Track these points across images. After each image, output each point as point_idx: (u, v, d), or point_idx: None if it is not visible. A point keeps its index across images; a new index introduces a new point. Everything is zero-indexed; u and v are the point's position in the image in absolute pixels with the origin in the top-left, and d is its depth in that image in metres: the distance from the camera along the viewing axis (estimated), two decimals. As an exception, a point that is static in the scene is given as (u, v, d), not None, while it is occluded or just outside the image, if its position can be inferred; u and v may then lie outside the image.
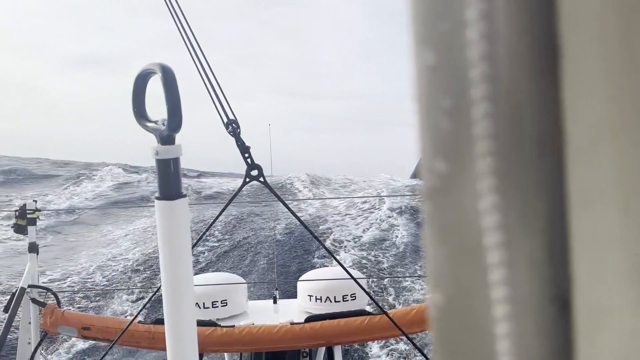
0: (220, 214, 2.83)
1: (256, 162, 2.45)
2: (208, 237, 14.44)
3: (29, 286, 3.85)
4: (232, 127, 2.55)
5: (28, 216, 3.94)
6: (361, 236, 17.98)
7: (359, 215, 21.02)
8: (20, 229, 3.95)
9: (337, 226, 19.47)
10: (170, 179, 1.10)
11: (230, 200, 2.75)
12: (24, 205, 3.96)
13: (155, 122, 1.12)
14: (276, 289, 4.86)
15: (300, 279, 4.56)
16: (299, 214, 2.78)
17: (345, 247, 16.19)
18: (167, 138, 1.08)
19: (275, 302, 4.67)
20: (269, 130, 5.57)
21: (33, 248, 3.99)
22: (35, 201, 4.05)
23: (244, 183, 2.47)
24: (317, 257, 13.82)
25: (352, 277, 2.95)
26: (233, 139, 2.48)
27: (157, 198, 1.11)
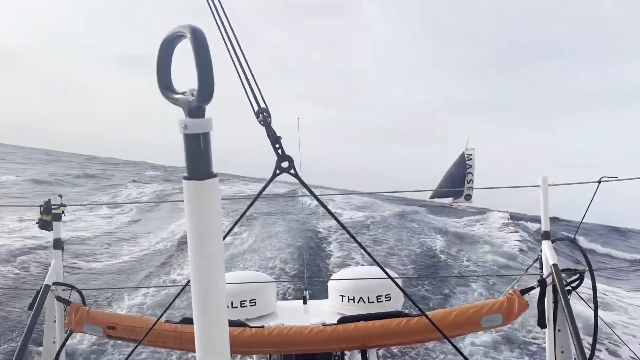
0: (250, 205, 2.69)
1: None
2: (235, 233, 14.45)
3: (54, 283, 3.80)
4: (263, 115, 2.43)
5: (53, 211, 3.89)
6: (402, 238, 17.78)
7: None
8: (45, 225, 3.90)
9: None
10: (200, 156, 0.97)
11: (260, 192, 2.61)
12: (49, 200, 3.91)
13: (183, 93, 0.99)
14: (306, 289, 4.73)
15: (331, 278, 4.42)
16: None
17: (380, 246, 16.03)
18: (196, 110, 0.95)
19: (305, 302, 4.55)
20: (298, 124, 5.45)
21: (58, 244, 3.94)
22: (61, 196, 3.99)
23: (274, 175, 2.33)
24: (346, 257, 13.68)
25: (389, 276, 2.79)
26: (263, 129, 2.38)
27: (185, 178, 0.98)
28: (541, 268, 3.77)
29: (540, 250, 3.84)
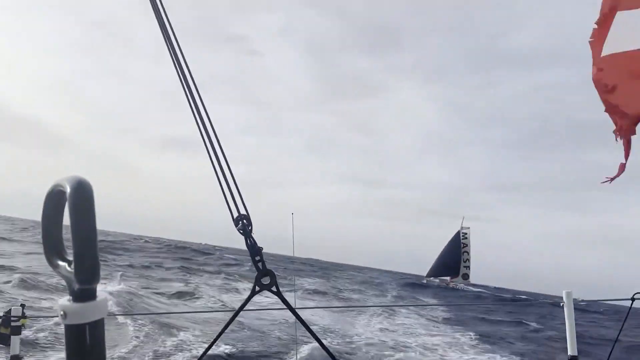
0: (227, 325, 2.46)
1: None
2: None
3: None
4: (243, 223, 2.27)
5: (12, 324, 3.59)
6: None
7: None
8: (2, 339, 3.58)
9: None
10: (85, 354, 0.71)
11: (239, 310, 2.39)
12: (9, 311, 3.62)
13: (69, 262, 0.73)
14: None
15: None
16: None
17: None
18: (79, 292, 0.71)
19: None
20: (292, 219, 5.33)
21: None
22: (23, 306, 3.71)
23: (253, 292, 2.12)
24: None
25: None
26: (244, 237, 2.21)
27: None
28: None
29: None
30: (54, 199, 0.75)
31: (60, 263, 0.74)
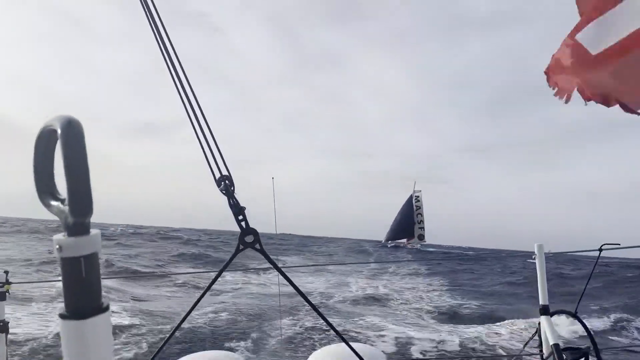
0: (211, 284, 2.49)
1: (251, 225, 2.15)
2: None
3: None
4: (225, 183, 2.28)
5: (-3, 290, 3.62)
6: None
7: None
8: None
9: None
10: (81, 287, 0.75)
11: (223, 269, 2.42)
12: (-7, 277, 3.64)
13: (62, 200, 0.77)
14: None
15: (309, 358, 4.13)
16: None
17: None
18: (74, 226, 0.74)
19: None
20: (273, 184, 5.29)
21: (2, 328, 3.64)
22: (7, 272, 3.72)
23: (237, 251, 2.16)
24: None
25: (360, 357, 2.56)
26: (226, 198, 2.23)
27: (62, 315, 0.74)
28: (540, 346, 3.58)
29: (539, 325, 3.65)
30: (45, 138, 0.78)
31: (53, 202, 0.78)
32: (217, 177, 2.32)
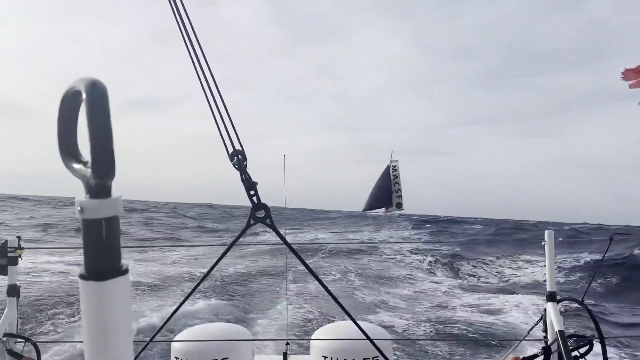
0: (220, 258, 2.54)
1: (263, 200, 2.19)
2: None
3: (5, 335, 3.57)
4: (238, 158, 2.31)
5: (9, 254, 3.70)
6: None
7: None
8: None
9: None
10: (102, 248, 0.76)
11: (232, 244, 2.46)
12: (5, 242, 3.72)
13: (85, 162, 0.77)
14: (287, 343, 4.53)
15: (313, 335, 4.20)
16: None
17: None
18: (96, 189, 0.75)
19: (285, 358, 4.37)
20: (284, 162, 5.32)
21: (13, 291, 3.73)
22: (19, 237, 3.80)
23: (248, 224, 2.20)
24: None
25: (369, 338, 2.61)
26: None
27: (83, 276, 0.76)
28: (545, 331, 3.61)
29: (545, 311, 3.67)
30: (69, 100, 0.78)
31: (76, 165, 0.78)
32: (229, 152, 2.35)
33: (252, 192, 2.19)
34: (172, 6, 2.16)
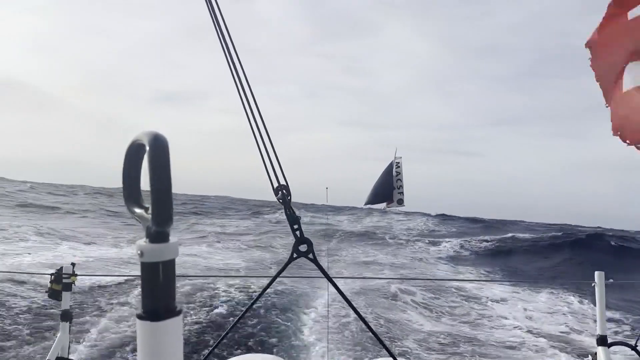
0: (263, 291, 2.63)
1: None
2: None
3: (57, 359, 3.74)
4: (282, 193, 2.40)
5: (64, 281, 3.90)
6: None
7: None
8: (54, 294, 3.90)
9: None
10: (159, 290, 0.83)
11: (276, 276, 2.55)
12: (60, 268, 3.92)
13: (146, 208, 0.86)
14: None
15: None
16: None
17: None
18: (155, 235, 0.83)
19: None
20: (326, 193, 5.43)
21: (66, 316, 3.91)
22: (74, 264, 4.01)
23: (291, 258, 2.29)
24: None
25: None
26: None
27: (140, 316, 0.83)
28: None
29: (595, 354, 3.59)
30: (133, 152, 0.88)
31: (137, 210, 0.88)
32: (274, 187, 2.44)
33: (295, 227, 2.27)
34: (208, 4, 2.23)
